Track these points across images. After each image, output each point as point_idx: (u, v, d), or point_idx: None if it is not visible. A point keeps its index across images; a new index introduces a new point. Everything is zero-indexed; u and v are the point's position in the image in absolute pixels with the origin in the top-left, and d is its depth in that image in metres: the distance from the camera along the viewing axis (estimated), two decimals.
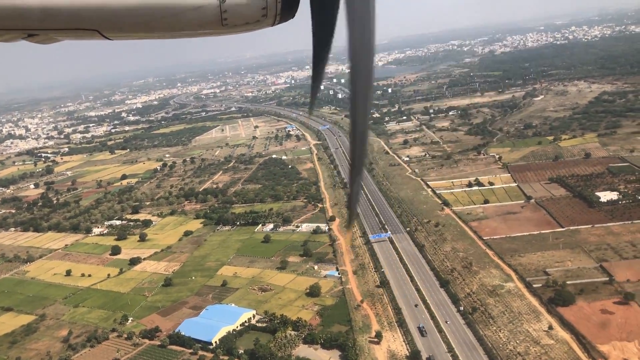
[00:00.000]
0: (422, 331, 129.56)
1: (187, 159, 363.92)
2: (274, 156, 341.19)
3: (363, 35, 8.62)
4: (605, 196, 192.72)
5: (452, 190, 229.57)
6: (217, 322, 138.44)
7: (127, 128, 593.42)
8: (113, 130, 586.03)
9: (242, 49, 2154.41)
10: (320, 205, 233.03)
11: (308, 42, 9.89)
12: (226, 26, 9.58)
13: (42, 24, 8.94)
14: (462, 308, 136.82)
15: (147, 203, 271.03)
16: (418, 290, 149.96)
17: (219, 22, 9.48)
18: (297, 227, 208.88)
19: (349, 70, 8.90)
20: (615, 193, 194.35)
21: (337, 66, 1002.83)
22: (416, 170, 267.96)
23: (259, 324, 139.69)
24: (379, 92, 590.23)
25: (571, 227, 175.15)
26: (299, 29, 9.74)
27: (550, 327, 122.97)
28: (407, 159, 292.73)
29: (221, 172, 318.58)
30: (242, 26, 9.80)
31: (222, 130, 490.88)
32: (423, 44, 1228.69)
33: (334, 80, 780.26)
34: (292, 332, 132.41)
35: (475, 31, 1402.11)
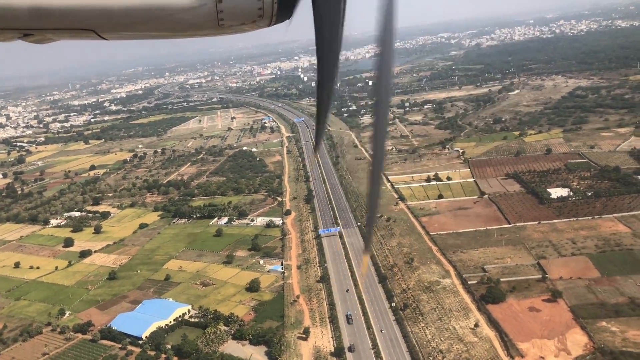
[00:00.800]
0: (349, 319, 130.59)
1: (159, 150, 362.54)
2: (244, 148, 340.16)
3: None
4: (556, 192, 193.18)
5: (410, 185, 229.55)
6: (150, 317, 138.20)
7: (107, 118, 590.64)
8: (92, 120, 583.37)
9: (234, 39, 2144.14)
10: (279, 198, 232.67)
11: (300, 33, 10.22)
12: (222, 27, 9.62)
13: (38, 23, 8.97)
14: (394, 304, 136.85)
15: (110, 195, 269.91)
16: (356, 286, 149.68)
17: (215, 23, 9.49)
18: (252, 220, 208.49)
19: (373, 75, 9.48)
20: (567, 190, 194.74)
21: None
22: None
23: (192, 319, 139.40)
24: (360, 84, 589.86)
25: (518, 224, 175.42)
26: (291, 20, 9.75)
27: (477, 325, 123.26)
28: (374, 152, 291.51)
29: (189, 163, 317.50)
30: (238, 27, 9.86)
31: (200, 121, 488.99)
32: (413, 36, 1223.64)
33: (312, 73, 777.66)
34: (224, 328, 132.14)
35: (467, 24, 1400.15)
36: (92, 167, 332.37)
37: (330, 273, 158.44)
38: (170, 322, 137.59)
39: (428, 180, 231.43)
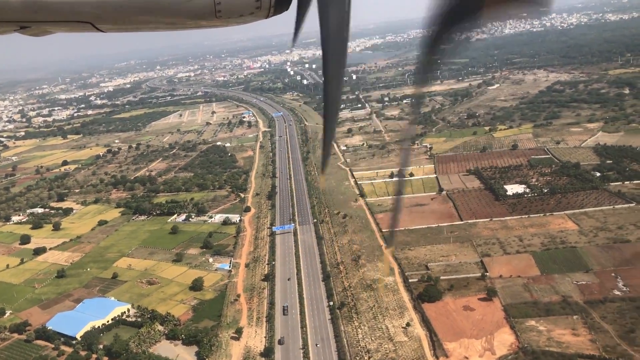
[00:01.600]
0: (284, 310, 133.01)
1: (133, 145, 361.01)
2: (218, 143, 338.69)
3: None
4: (512, 189, 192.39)
5: (373, 181, 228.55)
6: (87, 316, 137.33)
7: (90, 112, 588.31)
8: (75, 115, 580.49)
9: (230, 32, 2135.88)
10: (242, 195, 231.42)
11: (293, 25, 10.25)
12: (220, 18, 9.56)
13: (35, 16, 8.95)
14: (331, 303, 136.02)
15: (77, 191, 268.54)
16: (300, 284, 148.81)
17: (212, 14, 9.43)
18: (211, 217, 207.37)
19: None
20: (523, 186, 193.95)
21: (315, 51, 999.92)
22: (348, 160, 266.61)
23: (130, 319, 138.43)
24: (345, 78, 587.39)
25: (470, 221, 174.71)
26: (288, 12, 9.89)
27: (408, 324, 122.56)
28: (345, 148, 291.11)
29: (160, 159, 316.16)
30: (236, 18, 9.81)
31: (181, 115, 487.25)
32: (408, 29, 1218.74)
33: (306, 65, 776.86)
34: (159, 328, 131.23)
35: None
36: (65, 163, 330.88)
37: (277, 271, 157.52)
38: (108, 321, 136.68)
39: (391, 176, 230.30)
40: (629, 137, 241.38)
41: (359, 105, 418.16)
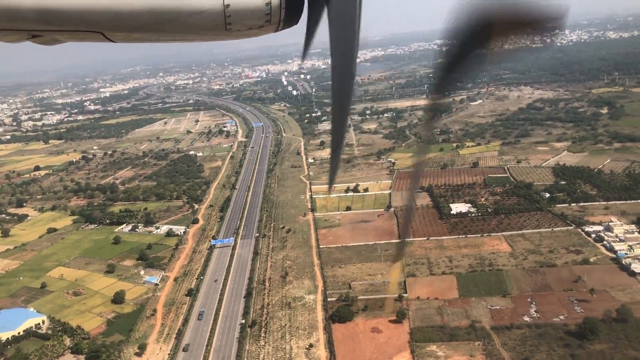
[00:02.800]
0: (200, 315, 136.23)
1: (109, 152, 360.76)
2: (191, 153, 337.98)
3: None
4: (457, 208, 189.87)
5: (328, 195, 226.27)
6: None
7: (80, 117, 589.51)
8: (66, 120, 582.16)
9: (240, 41, 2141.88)
10: (196, 206, 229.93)
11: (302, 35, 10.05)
12: (230, 31, 9.59)
13: (46, 25, 9.08)
14: (243, 321, 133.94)
15: (39, 197, 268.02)
16: (220, 301, 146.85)
17: (222, 27, 9.49)
18: (157, 228, 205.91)
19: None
20: (468, 205, 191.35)
21: (315, 62, 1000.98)
22: (311, 173, 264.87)
23: (41, 331, 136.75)
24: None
25: (407, 239, 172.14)
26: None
27: (312, 345, 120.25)
28: (312, 161, 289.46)
29: (130, 167, 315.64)
30: (245, 31, 9.83)
31: (166, 123, 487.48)
32: (412, 42, 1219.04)
33: (302, 76, 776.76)
34: (67, 341, 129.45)
35: None
36: (37, 168, 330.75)
37: (202, 287, 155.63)
38: (19, 333, 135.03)
39: (347, 191, 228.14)
40: (592, 157, 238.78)
41: None
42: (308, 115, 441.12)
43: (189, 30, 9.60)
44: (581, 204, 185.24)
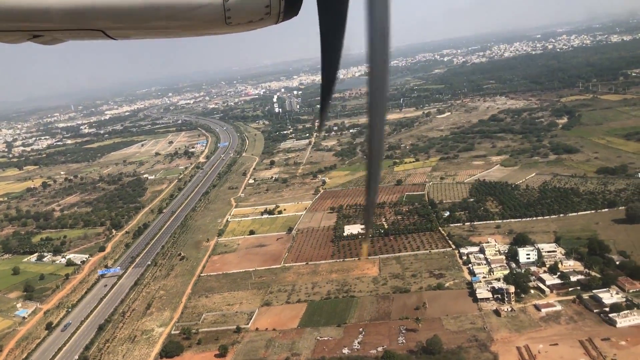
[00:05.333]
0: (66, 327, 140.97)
1: (70, 178, 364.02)
2: (144, 176, 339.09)
3: (381, 39, 8.71)
4: (350, 229, 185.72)
5: (242, 219, 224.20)
6: None
7: (69, 141, 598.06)
8: (54, 144, 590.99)
9: (260, 56, 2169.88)
10: (115, 232, 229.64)
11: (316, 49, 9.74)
12: (230, 25, 9.56)
13: (47, 25, 9.12)
14: (76, 357, 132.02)
15: None
16: (74, 333, 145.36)
17: (222, 21, 9.43)
18: (63, 257, 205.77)
19: (367, 74, 8.99)
20: (362, 227, 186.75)
21: (314, 77, 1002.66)
22: (243, 195, 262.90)
23: None
24: (318, 105, 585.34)
25: (287, 264, 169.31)
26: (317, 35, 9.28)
27: None
28: (253, 181, 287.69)
29: (79, 192, 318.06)
30: (245, 25, 9.78)
31: (143, 145, 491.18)
32: (416, 53, 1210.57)
33: (295, 92, 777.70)
34: None
35: (482, 38, 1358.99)
36: None
37: (65, 319, 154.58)
38: None
39: (263, 213, 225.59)
40: (520, 171, 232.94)
41: (307, 135, 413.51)
42: (277, 133, 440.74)
43: (188, 25, 9.52)
44: (475, 223, 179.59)
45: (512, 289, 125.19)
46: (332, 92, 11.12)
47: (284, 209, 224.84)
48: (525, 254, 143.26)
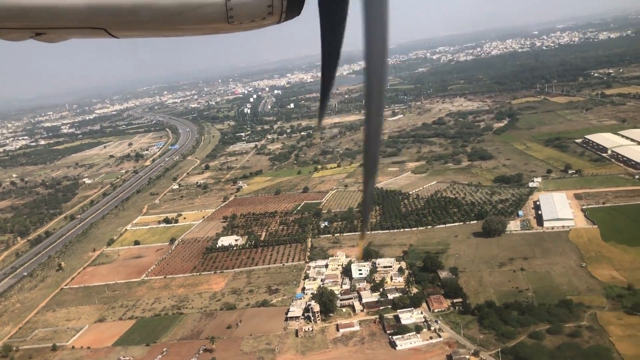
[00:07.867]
0: None
1: (17, 181, 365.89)
2: (83, 180, 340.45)
3: (378, 37, 8.86)
4: (224, 241, 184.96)
5: (140, 227, 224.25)
6: None
7: (42, 142, 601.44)
8: (27, 144, 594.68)
9: (268, 54, 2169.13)
10: (19, 240, 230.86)
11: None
12: (232, 24, 9.66)
13: (49, 22, 9.22)
14: None
15: None
16: None
17: (225, 20, 9.53)
18: None
19: (364, 71, 9.17)
20: (236, 238, 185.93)
21: (304, 75, 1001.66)
22: (157, 202, 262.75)
23: None
24: (290, 105, 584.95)
25: (146, 278, 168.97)
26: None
27: None
28: (177, 187, 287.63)
29: (15, 197, 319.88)
30: (248, 24, 9.86)
31: (105, 147, 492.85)
32: (412, 51, 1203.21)
33: (275, 91, 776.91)
34: None
35: (483, 35, 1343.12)
36: None
37: None
38: None
39: (160, 222, 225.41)
40: (425, 179, 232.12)
41: (260, 137, 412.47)
42: (235, 133, 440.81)
43: (191, 24, 9.50)
44: (345, 234, 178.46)
45: (316, 307, 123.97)
46: (330, 90, 11.17)
47: (184, 218, 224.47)
48: (357, 270, 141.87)
